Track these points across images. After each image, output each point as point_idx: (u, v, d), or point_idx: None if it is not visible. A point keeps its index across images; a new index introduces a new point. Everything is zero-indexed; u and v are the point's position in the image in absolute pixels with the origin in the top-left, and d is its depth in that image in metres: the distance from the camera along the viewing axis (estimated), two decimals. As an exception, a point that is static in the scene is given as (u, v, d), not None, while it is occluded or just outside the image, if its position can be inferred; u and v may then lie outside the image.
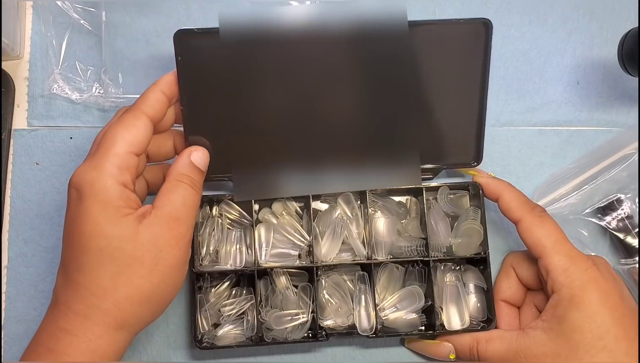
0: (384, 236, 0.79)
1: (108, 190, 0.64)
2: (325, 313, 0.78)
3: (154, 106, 0.69)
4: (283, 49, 0.78)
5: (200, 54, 0.78)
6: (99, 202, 0.63)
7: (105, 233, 0.63)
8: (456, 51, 0.79)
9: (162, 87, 0.71)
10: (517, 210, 0.75)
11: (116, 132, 0.66)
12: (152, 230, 0.64)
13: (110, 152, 0.65)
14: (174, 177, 0.69)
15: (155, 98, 0.70)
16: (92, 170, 0.64)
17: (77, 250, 0.63)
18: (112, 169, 0.64)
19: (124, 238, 0.63)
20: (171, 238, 0.65)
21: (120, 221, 0.64)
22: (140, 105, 0.69)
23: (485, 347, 0.74)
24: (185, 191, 0.68)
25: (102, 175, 0.64)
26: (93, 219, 0.63)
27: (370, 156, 0.79)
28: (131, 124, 0.67)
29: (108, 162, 0.64)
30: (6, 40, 0.80)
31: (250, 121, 0.78)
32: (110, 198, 0.64)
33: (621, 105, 0.87)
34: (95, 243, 0.63)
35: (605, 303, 0.69)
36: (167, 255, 0.65)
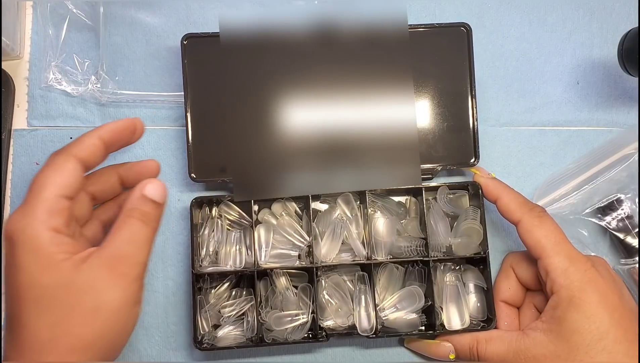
0: (383, 237, 0.79)
1: (39, 237, 0.60)
2: (325, 313, 0.78)
3: (86, 150, 0.65)
4: (284, 50, 0.79)
5: (206, 57, 0.79)
6: (31, 251, 0.60)
7: (39, 283, 0.60)
8: (443, 54, 0.82)
9: (102, 133, 0.67)
10: (516, 211, 0.75)
11: (44, 177, 0.63)
12: (91, 273, 0.61)
13: (39, 197, 0.62)
14: (124, 213, 0.65)
15: (90, 142, 0.66)
16: (22, 218, 0.61)
17: (15, 302, 0.60)
18: (41, 216, 0.61)
19: (59, 285, 0.60)
20: (113, 278, 0.62)
21: (54, 268, 0.60)
22: (72, 148, 0.65)
23: (485, 347, 0.74)
24: (133, 226, 0.64)
25: (31, 222, 0.60)
26: (26, 270, 0.60)
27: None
28: (60, 167, 0.63)
29: (37, 208, 0.61)
30: (6, 40, 0.80)
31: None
32: (42, 245, 0.60)
33: (621, 105, 0.87)
34: (31, 294, 0.60)
35: (605, 304, 0.69)
36: (108, 297, 0.61)
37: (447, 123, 0.81)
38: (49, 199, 0.62)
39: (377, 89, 0.80)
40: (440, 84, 0.82)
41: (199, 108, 0.79)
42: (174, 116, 0.84)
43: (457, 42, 0.82)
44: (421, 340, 0.79)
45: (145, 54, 0.85)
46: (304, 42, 0.80)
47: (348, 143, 0.80)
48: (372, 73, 0.80)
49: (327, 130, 0.80)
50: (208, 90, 0.80)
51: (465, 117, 0.81)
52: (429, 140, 0.81)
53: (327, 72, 0.80)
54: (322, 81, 0.80)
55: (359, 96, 0.80)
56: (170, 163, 0.84)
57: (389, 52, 0.79)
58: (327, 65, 0.80)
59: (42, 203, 0.61)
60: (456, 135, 0.81)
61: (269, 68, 0.80)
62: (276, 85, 0.80)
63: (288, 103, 0.80)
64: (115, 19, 0.85)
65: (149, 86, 0.84)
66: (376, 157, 0.79)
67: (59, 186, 0.62)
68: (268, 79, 0.80)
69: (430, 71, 0.82)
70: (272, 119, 0.80)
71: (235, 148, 0.79)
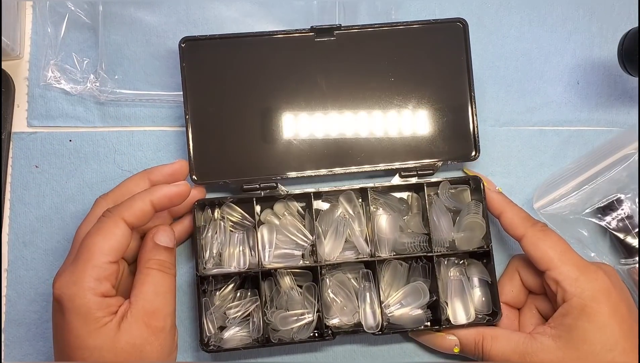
0: (386, 233, 0.79)
1: (88, 304, 0.65)
2: (330, 312, 0.77)
3: (136, 215, 0.69)
4: (285, 53, 0.80)
5: (205, 60, 0.79)
6: (80, 316, 0.64)
7: (86, 345, 0.64)
8: (440, 50, 0.82)
9: (154, 199, 0.70)
10: (519, 226, 0.75)
11: (94, 243, 0.66)
12: (131, 333, 0.66)
13: (89, 264, 0.65)
14: (143, 265, 0.70)
15: (141, 208, 0.69)
16: (73, 285, 0.65)
17: (64, 359, 0.65)
18: (91, 283, 0.65)
19: (105, 348, 0.65)
20: (150, 335, 0.67)
21: (100, 332, 0.65)
22: (123, 212, 0.68)
23: (490, 344, 0.74)
24: (155, 278, 0.69)
25: (81, 290, 0.65)
26: (75, 333, 0.64)
27: (372, 159, 0.81)
28: (110, 232, 0.67)
29: (87, 275, 0.65)
30: (6, 40, 0.79)
31: (253, 124, 0.79)
32: (90, 311, 0.65)
33: (621, 105, 0.87)
34: (80, 354, 0.64)
35: (616, 315, 0.70)
36: (149, 351, 0.67)
37: (446, 118, 0.82)
38: (98, 266, 0.66)
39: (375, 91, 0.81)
40: (439, 80, 0.82)
41: (198, 111, 0.79)
42: (174, 115, 0.84)
43: (454, 37, 0.82)
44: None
45: (144, 54, 0.84)
46: (306, 43, 0.80)
47: (348, 143, 0.81)
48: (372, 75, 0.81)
49: (327, 130, 0.81)
50: (207, 92, 0.80)
51: (465, 112, 0.82)
52: (429, 136, 0.82)
53: (327, 73, 0.81)
54: (323, 81, 0.81)
55: (357, 99, 0.81)
56: (170, 165, 0.83)
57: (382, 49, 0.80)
58: (327, 65, 0.81)
59: (91, 270, 0.65)
60: (456, 130, 0.82)
61: (269, 69, 0.80)
62: (276, 86, 0.80)
63: (288, 104, 0.80)
64: (114, 18, 0.84)
65: (149, 86, 0.84)
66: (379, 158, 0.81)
67: (107, 253, 0.66)
68: (268, 80, 0.80)
69: (428, 67, 0.82)
70: (273, 119, 0.80)
71: (235, 149, 0.79)
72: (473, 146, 0.81)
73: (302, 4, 0.85)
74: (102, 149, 0.83)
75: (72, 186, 0.82)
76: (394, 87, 0.81)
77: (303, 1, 0.86)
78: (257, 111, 0.80)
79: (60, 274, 0.66)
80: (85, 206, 0.82)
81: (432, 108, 0.81)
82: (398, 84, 0.81)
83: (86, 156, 0.83)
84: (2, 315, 0.80)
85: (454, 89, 0.82)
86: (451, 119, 0.82)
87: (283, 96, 0.80)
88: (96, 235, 0.67)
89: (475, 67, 0.82)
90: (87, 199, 0.82)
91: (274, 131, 0.80)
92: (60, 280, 0.66)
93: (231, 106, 0.80)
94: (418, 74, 0.82)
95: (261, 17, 0.85)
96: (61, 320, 0.65)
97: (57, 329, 0.67)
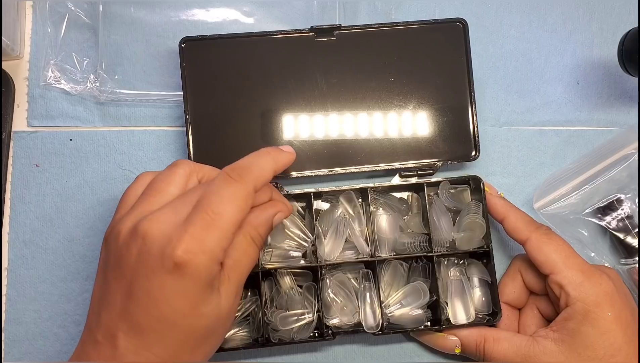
0: (386, 233, 0.79)
1: (212, 273, 0.61)
2: (330, 312, 0.78)
3: (262, 183, 0.66)
4: (285, 53, 0.80)
5: (205, 60, 0.79)
6: (200, 284, 0.60)
7: (199, 312, 0.61)
8: (440, 50, 0.82)
9: (277, 168, 0.68)
10: (523, 230, 0.75)
11: (228, 211, 0.62)
12: (228, 302, 0.63)
13: (221, 234, 0.61)
14: (250, 235, 0.66)
15: (267, 178, 0.67)
16: (202, 254, 0.60)
17: (163, 323, 0.60)
18: (219, 254, 0.61)
19: (212, 315, 0.62)
20: (236, 304, 0.66)
21: (211, 298, 0.62)
22: (255, 181, 0.65)
23: (492, 346, 0.74)
24: (255, 253, 0.66)
25: (210, 261, 0.60)
26: (191, 299, 0.60)
27: (372, 159, 0.81)
28: (244, 202, 0.63)
29: (217, 246, 0.61)
30: (6, 40, 0.79)
31: (253, 124, 0.79)
32: (212, 280, 0.61)
33: (621, 105, 0.87)
34: (188, 321, 0.61)
35: (619, 320, 0.70)
36: (231, 320, 0.66)
37: (446, 118, 0.82)
38: (227, 238, 0.62)
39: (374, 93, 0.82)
40: (439, 80, 0.82)
41: (198, 111, 0.79)
42: (174, 115, 0.84)
43: (453, 37, 0.82)
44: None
45: (144, 54, 0.84)
46: (306, 44, 0.80)
47: (348, 143, 0.81)
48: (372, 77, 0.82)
49: (327, 130, 0.81)
50: (207, 92, 0.80)
51: (465, 112, 0.82)
52: (429, 136, 0.82)
53: (327, 73, 0.81)
54: (322, 81, 0.81)
55: (357, 99, 0.81)
56: (171, 164, 0.83)
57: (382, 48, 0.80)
58: (327, 65, 0.81)
59: (222, 241, 0.61)
60: (456, 130, 0.82)
61: (269, 69, 0.80)
62: (276, 86, 0.80)
63: (288, 104, 0.80)
64: (114, 18, 0.84)
65: (149, 86, 0.84)
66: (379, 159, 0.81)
67: (237, 224, 0.63)
68: (268, 80, 0.80)
69: (428, 67, 0.82)
70: (273, 120, 0.80)
71: (235, 149, 0.79)
72: (473, 146, 0.81)
73: (302, 4, 0.85)
74: (102, 148, 0.83)
75: (73, 185, 0.82)
76: (394, 88, 0.81)
77: (303, 1, 0.86)
78: (257, 111, 0.80)
79: (182, 237, 0.60)
80: (85, 205, 0.82)
81: (432, 108, 0.82)
82: (398, 84, 0.81)
83: (87, 156, 0.83)
84: (2, 314, 0.80)
85: (454, 89, 0.82)
86: (451, 119, 0.82)
87: (283, 96, 0.80)
88: (229, 203, 0.62)
89: (475, 67, 0.82)
90: (87, 199, 0.82)
91: (274, 131, 0.80)
92: (187, 244, 0.59)
93: (231, 106, 0.80)
94: (418, 74, 0.82)
95: (261, 17, 0.85)
96: (174, 284, 0.60)
97: (160, 290, 0.60)
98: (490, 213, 0.78)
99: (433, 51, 0.82)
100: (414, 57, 0.82)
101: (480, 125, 0.82)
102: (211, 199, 0.62)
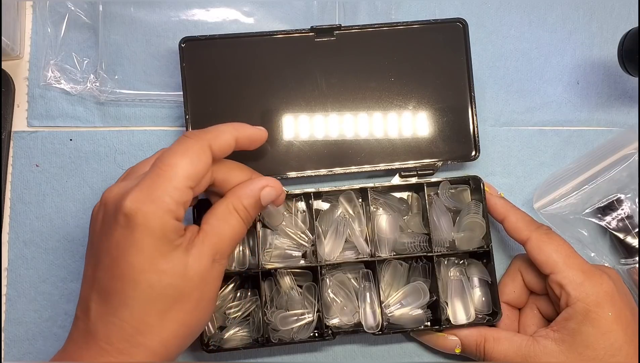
0: (386, 233, 0.79)
1: (165, 225, 0.60)
2: (330, 312, 0.78)
3: (221, 146, 0.65)
4: (285, 53, 0.80)
5: (205, 60, 0.79)
6: (153, 236, 0.60)
7: (158, 268, 0.60)
8: (440, 50, 0.82)
9: (239, 136, 0.68)
10: (524, 230, 0.75)
11: (177, 163, 0.62)
12: (200, 264, 0.62)
13: (170, 185, 0.60)
14: (232, 204, 0.66)
15: (227, 140, 0.66)
16: (150, 203, 0.59)
17: (124, 282, 0.60)
18: (171, 205, 0.60)
19: (176, 273, 0.61)
20: (215, 272, 0.64)
21: (173, 255, 0.61)
22: (211, 139, 0.65)
23: (492, 346, 0.74)
24: (237, 225, 0.66)
25: (160, 210, 0.60)
26: (146, 253, 0.60)
27: (372, 159, 0.81)
28: (196, 156, 0.63)
29: (167, 196, 0.60)
30: (6, 40, 0.79)
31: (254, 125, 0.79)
32: (166, 232, 0.60)
33: (621, 105, 0.87)
34: (146, 277, 0.60)
35: (620, 320, 0.70)
36: (210, 289, 0.64)
37: (446, 118, 0.82)
38: (179, 189, 0.61)
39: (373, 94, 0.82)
40: (439, 80, 0.82)
41: (198, 111, 0.79)
42: (174, 115, 0.84)
43: (454, 37, 0.82)
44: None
45: (144, 54, 0.84)
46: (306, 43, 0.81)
47: (348, 143, 0.81)
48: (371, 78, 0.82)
49: (327, 130, 0.81)
50: (207, 92, 0.80)
51: (465, 112, 0.82)
52: (429, 136, 0.82)
53: (327, 73, 0.81)
54: (322, 81, 0.81)
55: (357, 99, 0.81)
56: (171, 164, 0.83)
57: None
58: (327, 65, 0.81)
59: (173, 191, 0.60)
60: (456, 130, 0.82)
61: (269, 69, 0.80)
62: (276, 86, 0.80)
63: (288, 104, 0.80)
64: (114, 18, 0.84)
65: (149, 86, 0.84)
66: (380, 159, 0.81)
67: (190, 177, 0.62)
68: (268, 80, 0.80)
69: (428, 67, 0.82)
70: (273, 120, 0.80)
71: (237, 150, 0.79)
72: (473, 146, 0.81)
73: (302, 4, 0.85)
74: (102, 148, 0.83)
75: (73, 185, 0.82)
76: (394, 88, 0.81)
77: (303, 1, 0.86)
78: (256, 111, 0.80)
79: (132, 190, 0.60)
80: (85, 205, 0.82)
81: (432, 108, 0.81)
82: (398, 84, 0.81)
83: (87, 156, 0.83)
84: (2, 314, 0.80)
85: (454, 89, 0.82)
86: (451, 119, 0.82)
87: (283, 96, 0.80)
88: (181, 156, 0.62)
89: (475, 67, 0.82)
90: (87, 199, 0.82)
91: (274, 131, 0.80)
92: (134, 195, 0.60)
93: (231, 106, 0.80)
94: (418, 74, 0.82)
95: (261, 17, 0.85)
96: (127, 238, 0.60)
97: (116, 248, 0.60)
98: (490, 213, 0.78)
99: (433, 51, 0.82)
100: (414, 57, 0.82)
101: (480, 125, 0.82)
102: (164, 154, 0.62)
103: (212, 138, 0.65)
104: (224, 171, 0.69)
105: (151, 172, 0.62)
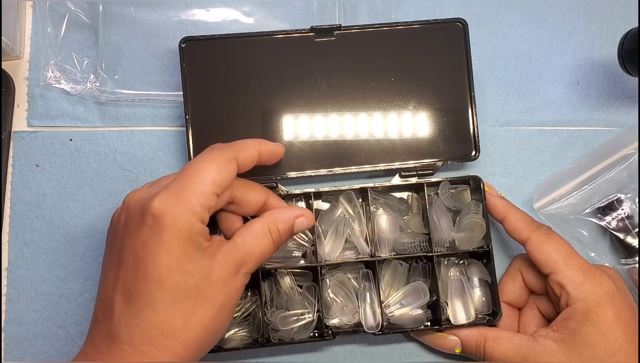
0: (386, 233, 0.79)
1: (192, 227, 0.61)
2: (330, 312, 0.78)
3: (246, 159, 0.68)
4: (285, 53, 0.80)
5: (205, 60, 0.79)
6: (182, 237, 0.61)
7: (184, 268, 0.61)
8: (440, 50, 0.82)
9: (262, 149, 0.70)
10: (524, 230, 0.75)
11: (205, 169, 0.64)
12: (225, 271, 0.63)
13: (197, 189, 0.62)
14: (269, 226, 0.68)
15: (251, 153, 0.69)
16: (179, 204, 0.61)
17: (149, 282, 0.60)
18: (197, 207, 0.62)
19: (202, 275, 0.61)
20: (238, 283, 0.64)
21: (198, 257, 0.62)
22: (236, 150, 0.67)
23: (492, 346, 0.74)
24: (268, 245, 0.67)
25: (187, 212, 0.61)
26: (174, 253, 0.61)
27: (372, 159, 0.81)
28: (223, 165, 0.65)
29: (195, 199, 0.62)
30: (6, 40, 0.79)
31: (254, 125, 0.79)
32: (193, 234, 0.61)
33: (621, 105, 0.87)
34: (173, 277, 0.60)
35: (620, 320, 0.70)
36: (231, 297, 0.64)
37: (446, 118, 0.82)
38: (206, 194, 0.63)
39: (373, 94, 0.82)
40: (439, 80, 0.82)
41: (198, 111, 0.79)
42: (174, 115, 0.84)
43: (454, 37, 0.82)
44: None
45: (144, 54, 0.84)
46: (306, 43, 0.81)
47: (348, 143, 0.81)
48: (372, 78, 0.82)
49: (327, 130, 0.81)
50: (207, 92, 0.80)
51: (465, 112, 0.82)
52: (429, 136, 0.82)
53: (327, 73, 0.81)
54: (322, 81, 0.81)
55: (357, 99, 0.81)
56: (171, 165, 0.83)
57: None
58: (327, 65, 0.81)
59: (200, 195, 0.62)
60: (456, 130, 0.82)
61: (269, 69, 0.80)
62: (276, 86, 0.80)
63: (288, 104, 0.80)
64: (114, 18, 0.84)
65: (149, 86, 0.84)
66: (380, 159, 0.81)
67: (217, 184, 0.64)
68: (268, 80, 0.80)
69: (428, 67, 0.82)
70: (273, 120, 0.80)
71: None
72: (473, 146, 0.81)
73: (302, 4, 0.85)
74: (102, 148, 0.83)
75: (73, 185, 0.82)
76: (394, 88, 0.81)
77: (303, 1, 0.86)
78: (257, 111, 0.80)
79: (162, 194, 0.62)
80: (85, 205, 0.82)
81: (432, 108, 0.81)
82: (398, 84, 0.81)
83: (87, 155, 0.83)
84: (2, 314, 0.80)
85: (454, 89, 0.82)
86: (451, 119, 0.82)
87: (283, 96, 0.80)
88: (209, 163, 0.64)
89: (475, 67, 0.82)
90: (87, 199, 0.82)
91: (274, 131, 0.80)
92: (162, 196, 0.61)
93: (231, 106, 0.80)
94: (418, 74, 0.82)
95: (261, 17, 0.85)
96: (155, 238, 0.61)
97: (143, 248, 0.61)
98: (490, 213, 0.78)
99: (433, 51, 0.82)
100: (414, 57, 0.82)
101: (480, 125, 0.82)
102: (192, 161, 0.65)
103: (237, 150, 0.67)
104: (243, 191, 0.71)
105: (179, 176, 0.64)
